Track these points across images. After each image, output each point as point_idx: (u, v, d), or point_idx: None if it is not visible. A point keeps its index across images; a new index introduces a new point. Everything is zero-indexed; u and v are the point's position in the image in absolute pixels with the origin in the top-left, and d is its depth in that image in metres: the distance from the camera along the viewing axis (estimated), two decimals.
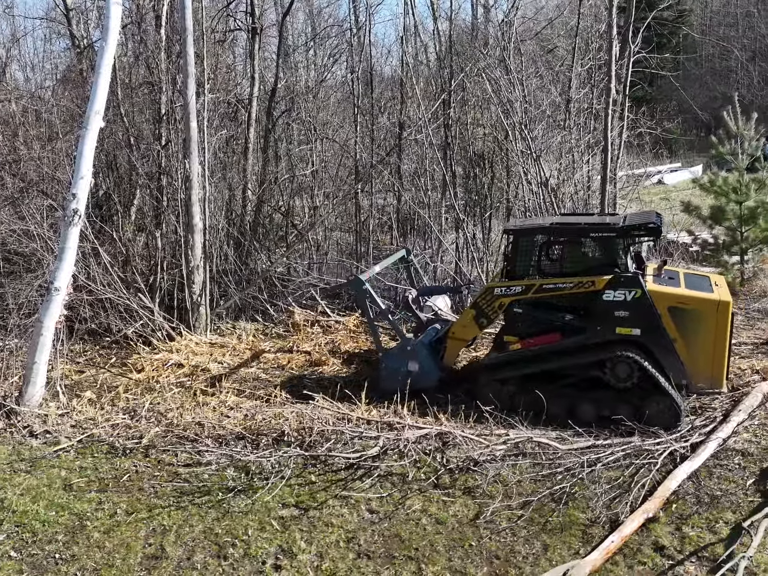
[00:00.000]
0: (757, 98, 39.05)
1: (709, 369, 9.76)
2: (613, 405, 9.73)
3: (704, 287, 10.17)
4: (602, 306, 9.76)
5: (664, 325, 9.64)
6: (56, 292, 10.72)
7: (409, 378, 10.48)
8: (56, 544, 7.69)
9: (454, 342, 10.90)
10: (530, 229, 10.43)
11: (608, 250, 10.06)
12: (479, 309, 10.47)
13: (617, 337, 9.75)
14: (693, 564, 7.10)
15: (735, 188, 16.12)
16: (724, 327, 9.64)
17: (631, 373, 9.70)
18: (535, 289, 10.07)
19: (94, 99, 10.96)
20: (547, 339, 10.07)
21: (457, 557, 7.39)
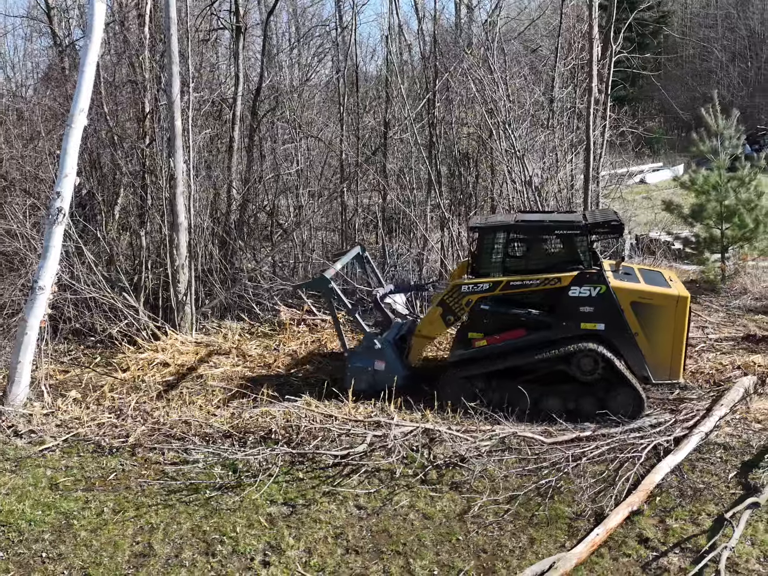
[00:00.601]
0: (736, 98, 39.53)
1: (668, 361, 10.04)
2: (578, 398, 10.02)
3: (661, 282, 10.50)
4: (568, 302, 9.98)
5: (627, 319, 9.92)
6: (40, 291, 10.66)
7: (375, 377, 10.50)
8: (43, 543, 7.65)
9: (420, 340, 10.87)
10: (496, 227, 10.54)
11: (572, 247, 10.30)
12: (446, 306, 10.43)
13: (582, 332, 9.99)
14: (676, 555, 7.21)
15: (715, 186, 16.34)
16: (683, 321, 9.92)
17: (595, 366, 9.94)
18: (502, 287, 10.20)
19: (78, 97, 10.91)
20: (513, 335, 10.23)
21: (445, 551, 7.45)
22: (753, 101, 40.30)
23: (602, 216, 10.97)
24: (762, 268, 17.28)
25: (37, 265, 11.24)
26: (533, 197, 14.49)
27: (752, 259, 16.92)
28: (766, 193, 16.98)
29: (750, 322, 14.05)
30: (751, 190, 16.41)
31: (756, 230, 16.42)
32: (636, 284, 10.21)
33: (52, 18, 20.59)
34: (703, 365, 11.72)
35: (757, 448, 8.92)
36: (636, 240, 19.79)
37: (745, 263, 16.78)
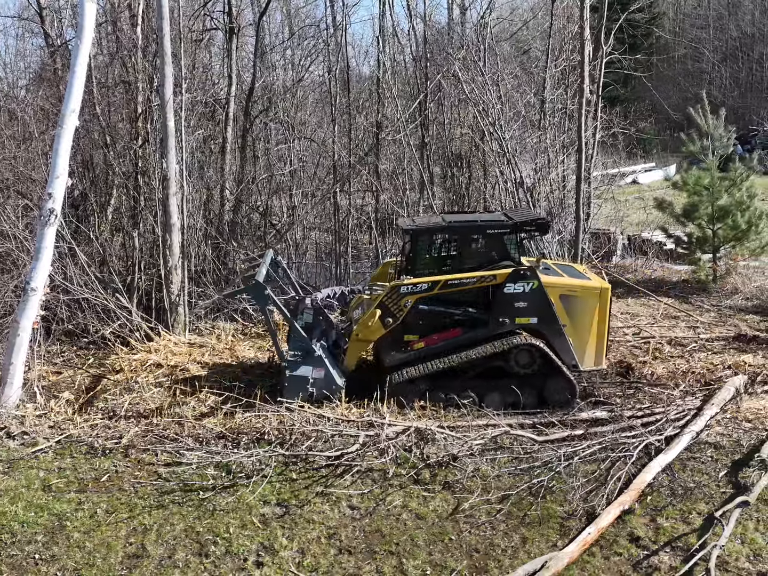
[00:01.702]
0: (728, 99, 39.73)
1: (594, 349, 10.66)
2: (516, 391, 10.31)
3: (580, 276, 11.23)
4: (503, 298, 10.31)
5: (556, 312, 10.37)
6: (33, 292, 10.64)
7: (314, 385, 10.25)
8: (36, 545, 7.65)
9: (358, 344, 10.68)
10: (430, 229, 10.72)
11: (503, 245, 10.66)
12: (385, 308, 10.38)
13: (517, 326, 10.37)
14: (667, 554, 7.27)
15: (707, 187, 16.43)
16: (605, 311, 10.57)
17: (533, 359, 10.35)
18: (440, 286, 10.34)
19: (69, 97, 10.90)
20: (450, 334, 10.44)
21: (438, 551, 7.48)
22: (744, 101, 40.56)
23: (529, 215, 11.61)
24: (753, 268, 17.41)
25: (29, 267, 11.21)
26: (525, 198, 14.55)
27: (743, 259, 17.01)
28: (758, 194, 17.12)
29: (741, 322, 14.15)
30: (743, 191, 16.51)
31: (748, 231, 16.53)
32: (562, 278, 10.78)
33: (44, 18, 20.50)
34: (694, 365, 11.80)
35: (747, 447, 8.99)
36: (628, 240, 19.89)
37: (736, 263, 16.88)
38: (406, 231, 10.88)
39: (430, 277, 10.39)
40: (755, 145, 34.38)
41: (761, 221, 16.35)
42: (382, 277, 11.67)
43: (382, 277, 11.75)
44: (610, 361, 12.15)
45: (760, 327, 13.80)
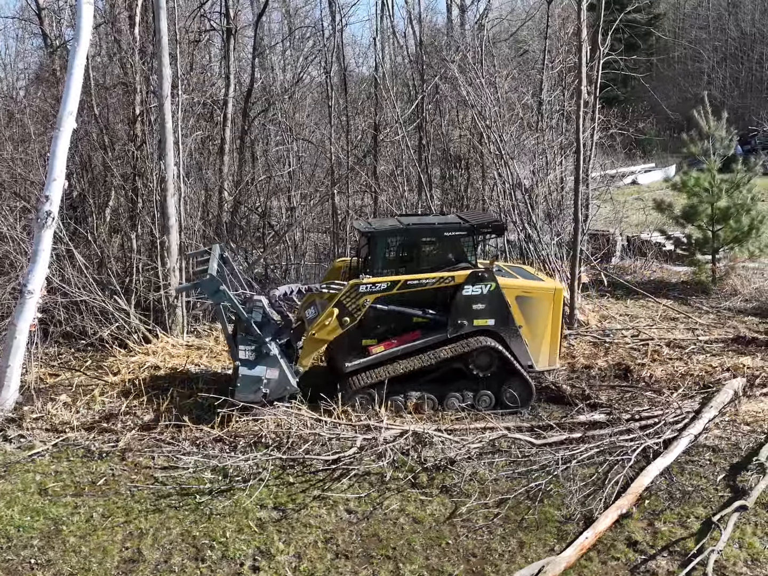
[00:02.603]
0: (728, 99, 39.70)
1: (548, 349, 10.79)
2: (475, 392, 10.43)
3: (533, 277, 11.49)
4: (462, 300, 10.33)
5: (513, 313, 10.45)
6: (30, 294, 10.62)
7: (268, 386, 9.97)
8: (31, 549, 7.63)
9: (314, 343, 10.46)
10: (389, 231, 10.70)
11: (460, 247, 10.75)
12: (343, 307, 10.23)
13: (475, 328, 10.41)
14: (665, 558, 7.25)
15: (707, 188, 16.40)
16: (558, 311, 10.77)
17: (491, 361, 10.40)
18: (399, 286, 10.32)
19: (66, 99, 10.87)
20: (409, 338, 10.43)
21: (435, 556, 7.46)
22: (744, 102, 40.51)
23: (484, 217, 11.85)
24: (752, 269, 17.39)
25: (26, 269, 11.19)
26: (523, 199, 14.52)
27: (743, 260, 16.99)
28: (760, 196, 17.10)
29: (740, 324, 14.14)
30: (746, 193, 16.48)
31: (749, 233, 16.50)
32: (518, 280, 10.92)
33: (42, 19, 20.47)
34: (693, 367, 11.77)
35: (745, 451, 8.98)
36: (627, 241, 19.85)
37: (735, 265, 16.85)
38: (364, 234, 10.81)
39: (389, 277, 10.35)
40: (755, 146, 34.34)
41: (762, 224, 16.31)
42: (334, 276, 11.51)
43: (333, 276, 11.58)
44: (609, 363, 12.14)
45: (759, 329, 13.78)
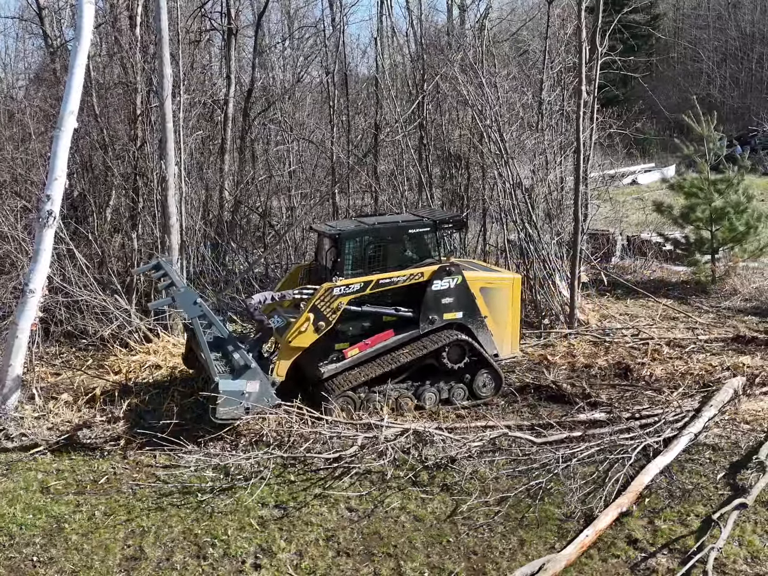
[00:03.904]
0: (728, 99, 39.76)
1: (510, 337, 11.24)
2: (450, 386, 10.65)
3: (489, 269, 12.09)
4: (431, 295, 10.52)
5: (478, 305, 10.79)
6: (31, 294, 10.63)
7: (249, 400, 9.52)
8: (34, 547, 7.66)
9: (290, 351, 10.18)
10: (356, 232, 10.74)
11: (425, 244, 10.95)
12: (318, 312, 10.08)
13: (445, 322, 10.60)
14: (665, 556, 7.27)
15: (703, 188, 16.44)
16: (517, 300, 11.28)
17: (463, 353, 10.59)
18: (372, 285, 10.37)
19: (67, 99, 10.88)
20: (382, 337, 10.51)
21: (435, 553, 7.48)
22: (744, 102, 40.53)
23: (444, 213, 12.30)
24: (752, 269, 17.40)
25: (27, 268, 11.21)
26: (523, 199, 14.55)
27: (742, 260, 17.01)
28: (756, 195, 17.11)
29: (740, 323, 14.16)
30: (740, 192, 16.50)
31: (747, 233, 16.52)
32: (478, 272, 11.25)
33: (43, 19, 20.50)
34: (692, 366, 11.79)
35: (745, 449, 9.00)
36: (627, 241, 19.87)
37: (736, 265, 16.87)
38: (330, 236, 10.78)
39: (362, 278, 10.36)
40: (755, 145, 34.37)
41: (759, 223, 16.34)
42: (291, 283, 11.34)
43: (291, 282, 11.42)
44: (609, 363, 12.17)
45: (758, 328, 13.80)
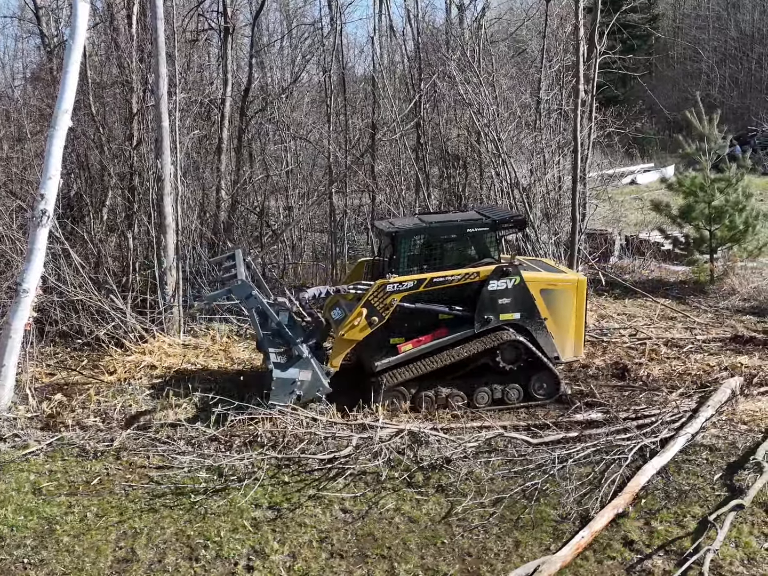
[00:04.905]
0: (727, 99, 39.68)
1: (572, 341, 11.03)
2: (504, 386, 10.56)
3: (555, 270, 11.71)
4: (487, 295, 10.45)
5: (538, 306, 10.64)
6: (25, 293, 10.58)
7: (301, 388, 10.04)
8: (25, 549, 7.59)
9: (344, 343, 10.45)
10: (411, 230, 10.76)
11: (483, 243, 10.86)
12: (371, 307, 10.28)
13: (501, 323, 10.53)
14: (661, 558, 7.21)
15: (702, 187, 16.37)
16: (582, 302, 11.00)
17: (518, 354, 10.52)
18: (426, 283, 10.38)
19: (62, 98, 10.84)
20: (437, 334, 10.50)
21: (430, 555, 7.42)
22: (744, 102, 40.47)
23: (505, 212, 12.00)
24: (750, 268, 17.34)
25: (22, 268, 11.15)
26: (521, 199, 14.50)
27: (741, 260, 16.95)
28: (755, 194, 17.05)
29: (738, 323, 14.09)
30: (739, 191, 16.45)
31: (745, 232, 16.47)
32: (540, 273, 11.08)
33: (40, 18, 20.47)
34: (690, 366, 11.74)
35: (742, 450, 8.93)
36: (626, 241, 19.82)
37: (734, 264, 16.81)
38: (387, 234, 10.85)
39: (415, 275, 10.42)
40: (754, 146, 34.30)
41: (757, 221, 16.29)
42: (356, 276, 11.65)
43: (356, 276, 11.71)
44: (606, 363, 12.11)
45: (757, 328, 13.74)
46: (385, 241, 11.22)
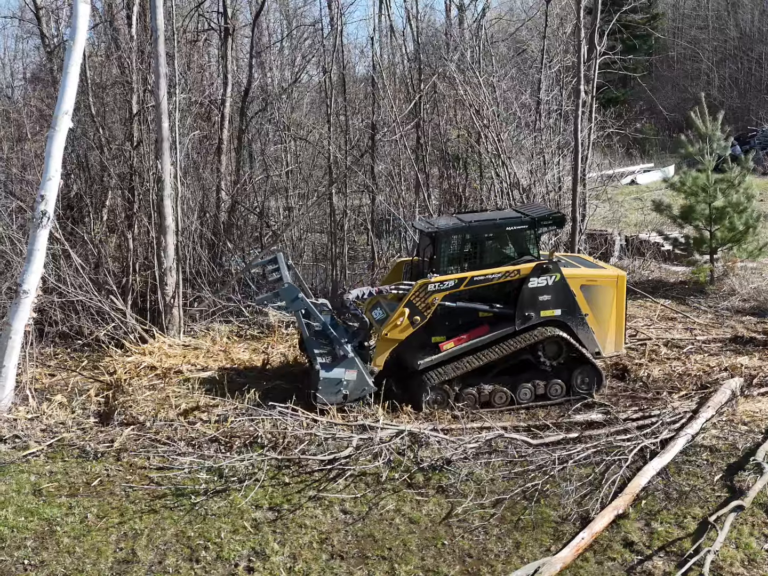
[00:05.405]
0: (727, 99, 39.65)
1: (613, 336, 11.05)
2: (546, 382, 10.62)
3: (594, 266, 11.77)
4: (528, 293, 10.51)
5: (578, 302, 10.65)
6: (25, 294, 10.59)
7: (347, 388, 10.26)
8: (25, 550, 7.60)
9: (387, 343, 10.57)
10: (451, 230, 10.82)
11: (522, 241, 10.92)
12: (413, 307, 10.42)
13: (542, 319, 10.58)
14: (661, 559, 7.22)
15: (704, 188, 16.35)
16: (623, 297, 11.02)
17: (560, 350, 10.61)
18: (466, 282, 10.45)
19: (62, 99, 10.85)
20: (478, 332, 10.56)
21: (430, 556, 7.43)
22: (744, 102, 40.45)
23: (543, 210, 11.91)
24: (750, 269, 17.32)
25: (22, 269, 11.15)
26: (521, 199, 14.50)
27: (741, 261, 16.94)
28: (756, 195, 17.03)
29: (738, 324, 14.08)
30: (741, 192, 16.43)
31: (746, 233, 16.44)
32: (580, 269, 11.12)
33: (40, 18, 20.43)
34: (690, 367, 11.74)
35: (742, 451, 8.93)
36: (626, 241, 19.81)
37: (734, 265, 16.80)
38: (427, 234, 10.94)
39: (456, 274, 10.51)
40: (754, 146, 34.26)
41: (758, 223, 16.27)
42: (395, 277, 11.83)
43: (394, 276, 11.89)
44: (606, 363, 12.10)
45: (757, 329, 13.73)
46: (424, 241, 11.30)
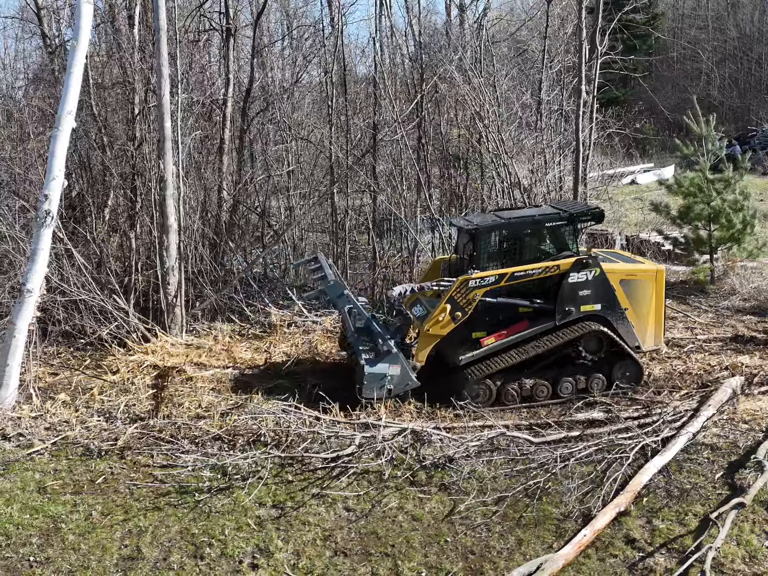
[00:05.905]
0: (727, 99, 39.73)
1: (653, 330, 11.17)
2: (587, 376, 10.71)
3: (632, 260, 11.83)
4: (568, 287, 10.60)
5: (618, 297, 10.73)
6: (29, 294, 10.63)
7: (391, 382, 10.41)
8: (31, 547, 7.64)
9: (429, 338, 10.78)
10: (491, 227, 10.96)
11: (561, 236, 11.05)
12: (454, 303, 10.58)
13: (582, 314, 10.67)
14: (663, 556, 7.27)
15: (700, 188, 16.42)
16: (661, 292, 11.12)
17: (600, 344, 10.72)
18: (507, 278, 10.56)
19: (65, 99, 10.89)
20: (518, 327, 10.68)
21: (433, 553, 7.48)
22: (744, 102, 40.50)
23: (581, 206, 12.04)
24: (750, 269, 17.36)
25: (25, 268, 11.20)
26: (522, 199, 14.54)
27: (741, 260, 16.99)
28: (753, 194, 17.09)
29: (738, 323, 14.13)
30: (737, 191, 16.49)
31: (744, 231, 16.50)
32: (619, 264, 11.20)
33: (41, 18, 20.46)
34: (691, 366, 11.80)
35: (743, 449, 8.99)
36: (626, 241, 19.86)
37: (734, 264, 16.84)
38: (467, 231, 11.07)
39: (497, 270, 10.63)
40: (754, 145, 34.30)
41: (755, 220, 16.33)
42: (434, 274, 11.98)
43: (433, 273, 12.04)
44: None
45: (757, 328, 13.78)
46: (464, 238, 11.43)
